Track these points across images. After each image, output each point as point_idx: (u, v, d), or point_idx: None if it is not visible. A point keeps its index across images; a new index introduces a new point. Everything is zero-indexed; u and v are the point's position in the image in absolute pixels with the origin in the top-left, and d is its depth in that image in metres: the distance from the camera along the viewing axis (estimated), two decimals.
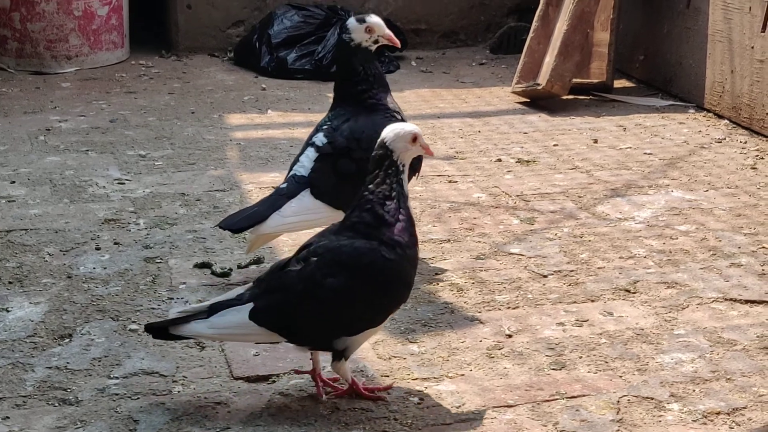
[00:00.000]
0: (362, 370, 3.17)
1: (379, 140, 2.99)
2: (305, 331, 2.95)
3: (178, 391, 3.06)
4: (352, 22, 3.81)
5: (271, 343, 3.08)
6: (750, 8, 5.55)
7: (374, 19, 3.81)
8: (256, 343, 3.23)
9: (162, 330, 2.99)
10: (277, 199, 3.72)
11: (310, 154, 3.79)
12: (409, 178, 3.19)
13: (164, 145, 5.32)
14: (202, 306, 2.98)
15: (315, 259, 2.93)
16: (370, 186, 2.97)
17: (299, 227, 3.82)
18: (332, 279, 2.90)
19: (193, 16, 7.23)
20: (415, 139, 2.99)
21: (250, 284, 3.05)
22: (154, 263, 3.93)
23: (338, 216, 3.77)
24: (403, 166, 2.98)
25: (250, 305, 2.93)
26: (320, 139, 3.82)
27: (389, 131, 2.98)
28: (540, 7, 6.33)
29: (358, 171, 3.68)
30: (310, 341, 2.99)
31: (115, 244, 4.10)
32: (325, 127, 3.84)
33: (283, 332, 2.94)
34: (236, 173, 4.91)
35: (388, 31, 3.83)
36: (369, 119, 3.75)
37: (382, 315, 2.98)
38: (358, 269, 2.91)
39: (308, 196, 3.72)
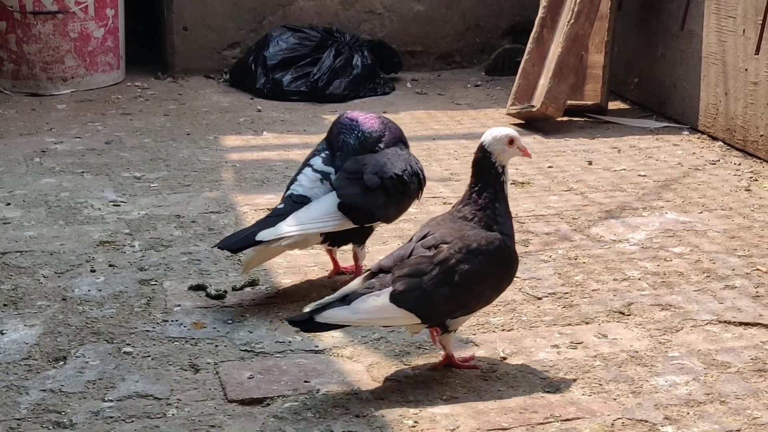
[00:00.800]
0: (356, 393, 3.17)
1: (478, 144, 3.28)
2: (438, 310, 3.19)
3: (173, 414, 3.06)
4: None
5: (405, 324, 3.26)
6: (744, 31, 5.58)
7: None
8: (389, 326, 3.43)
9: (307, 321, 3.14)
10: (275, 219, 3.73)
11: (309, 174, 3.82)
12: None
13: (159, 167, 5.33)
14: (334, 297, 3.19)
15: (446, 245, 3.20)
16: (479, 186, 3.31)
17: (303, 234, 3.75)
18: (466, 264, 3.18)
19: (189, 37, 7.25)
20: (511, 141, 3.28)
21: (366, 274, 3.28)
22: (148, 285, 3.93)
23: (344, 224, 3.77)
24: (502, 167, 3.29)
25: (389, 290, 3.14)
26: (318, 162, 3.85)
27: (487, 135, 3.27)
28: (534, 29, 6.36)
29: (380, 185, 3.77)
30: (436, 319, 3.22)
31: (110, 266, 4.10)
32: (323, 154, 3.88)
33: (419, 313, 3.16)
34: (231, 195, 4.92)
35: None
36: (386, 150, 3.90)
37: (497, 296, 3.35)
38: (490, 255, 3.21)
39: (320, 203, 3.75)
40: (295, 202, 3.76)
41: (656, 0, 6.42)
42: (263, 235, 3.66)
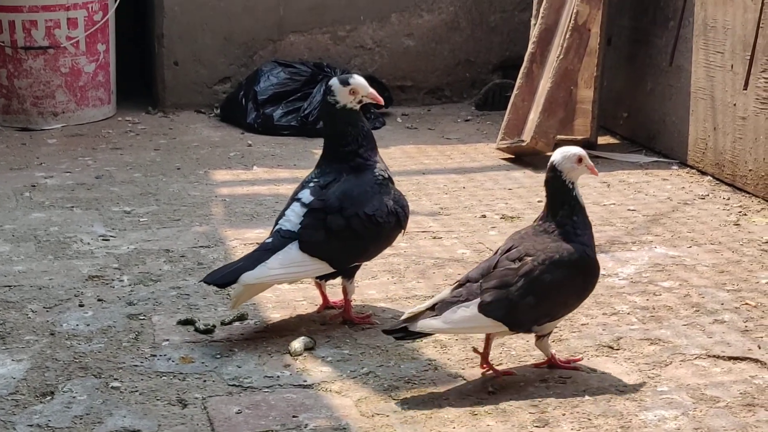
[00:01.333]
0: (344, 428, 3.17)
1: (549, 163, 3.48)
2: (523, 319, 3.42)
3: None
4: (335, 83, 3.84)
5: (493, 332, 3.47)
6: (732, 66, 5.61)
7: (357, 80, 3.85)
8: (478, 333, 3.58)
9: (400, 330, 3.38)
10: (262, 254, 3.73)
11: (297, 209, 3.82)
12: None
13: (149, 202, 5.33)
14: (425, 306, 3.42)
15: (530, 258, 3.43)
16: (554, 203, 3.50)
17: (284, 279, 3.85)
18: (549, 275, 3.39)
19: (180, 72, 7.27)
20: (580, 160, 3.47)
21: (454, 285, 3.51)
22: (137, 320, 3.93)
23: (322, 268, 3.79)
24: (572, 183, 3.47)
25: (477, 300, 3.37)
26: (306, 195, 3.85)
27: (557, 154, 3.47)
28: (524, 64, 6.39)
29: (346, 227, 3.73)
30: (522, 327, 3.44)
31: (99, 300, 4.10)
32: (311, 184, 3.87)
33: (506, 321, 3.39)
34: (221, 229, 4.92)
35: (371, 90, 3.87)
36: (359, 179, 3.82)
37: (580, 303, 3.56)
38: (573, 266, 3.43)
39: (295, 248, 3.73)
40: (283, 237, 3.77)
41: (645, 35, 6.46)
42: (245, 278, 3.67)
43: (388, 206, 3.84)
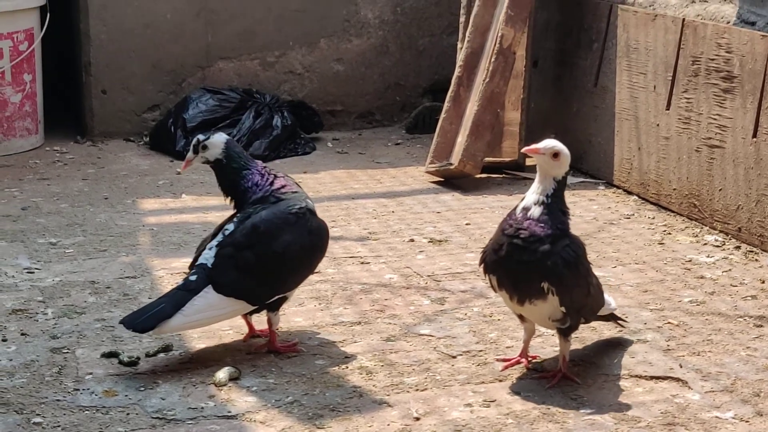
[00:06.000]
0: None
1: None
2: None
3: None
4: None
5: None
6: (655, 87, 5.69)
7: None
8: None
9: None
10: (184, 295, 3.71)
11: (215, 243, 3.81)
12: None
13: (76, 232, 5.29)
14: None
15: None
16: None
17: (203, 324, 3.83)
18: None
19: (107, 101, 7.23)
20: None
21: None
22: (60, 354, 3.89)
23: (242, 307, 3.79)
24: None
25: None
26: (230, 228, 3.84)
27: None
28: (451, 87, 6.43)
29: (258, 263, 3.72)
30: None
31: (22, 334, 4.05)
32: (237, 216, 3.86)
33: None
34: (148, 259, 4.89)
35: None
36: (270, 212, 3.80)
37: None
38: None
39: (212, 292, 3.72)
40: (205, 273, 3.75)
41: (570, 57, 6.53)
42: (163, 328, 3.67)
43: (302, 239, 3.83)
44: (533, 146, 3.58)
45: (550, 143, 3.56)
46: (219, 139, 3.89)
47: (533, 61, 6.59)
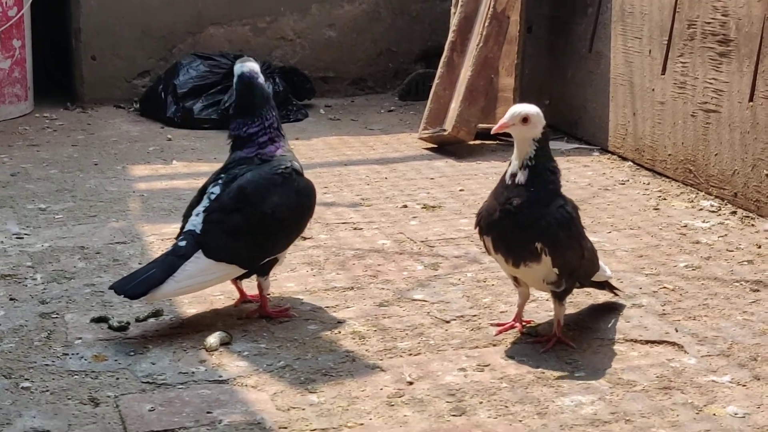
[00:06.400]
0: (260, 423, 3.12)
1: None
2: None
3: None
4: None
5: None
6: (650, 51, 5.63)
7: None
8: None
9: None
10: (174, 260, 3.66)
11: (203, 207, 3.76)
12: None
13: (65, 198, 5.24)
14: None
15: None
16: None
17: (195, 289, 3.78)
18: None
19: (98, 67, 7.17)
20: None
21: None
22: (49, 319, 3.84)
23: (233, 271, 3.75)
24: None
25: None
26: (216, 191, 3.78)
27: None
28: (445, 53, 6.37)
29: (246, 226, 3.67)
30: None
31: (11, 299, 4.00)
32: (221, 178, 3.81)
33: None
34: (138, 225, 4.84)
35: None
36: (257, 174, 3.76)
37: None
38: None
39: (202, 257, 3.67)
40: (194, 239, 3.70)
41: (565, 23, 6.46)
42: (154, 295, 3.62)
43: (290, 199, 3.78)
44: (499, 123, 3.50)
45: (515, 110, 3.47)
46: (239, 68, 3.96)
47: (527, 27, 6.53)
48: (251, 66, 3.93)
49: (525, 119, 3.45)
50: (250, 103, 3.87)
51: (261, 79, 3.94)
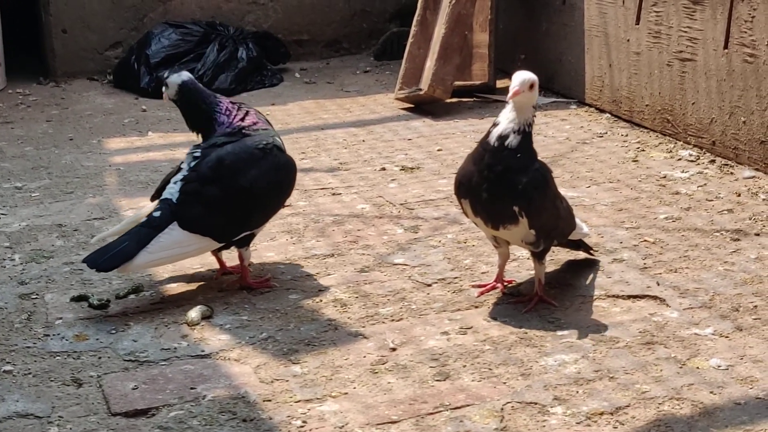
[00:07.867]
0: (244, 396, 3.11)
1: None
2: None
3: None
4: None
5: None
6: (623, 1, 5.60)
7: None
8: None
9: None
10: (148, 232, 3.62)
11: (179, 177, 3.73)
12: None
13: (41, 175, 5.20)
14: None
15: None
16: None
17: (169, 261, 3.76)
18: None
19: (69, 40, 7.09)
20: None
21: None
22: (29, 299, 3.82)
23: (209, 244, 3.72)
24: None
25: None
26: (196, 155, 3.76)
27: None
28: (417, 11, 6.32)
29: (223, 199, 3.64)
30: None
31: None
32: (198, 151, 3.77)
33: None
34: (115, 200, 4.81)
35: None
36: (236, 146, 3.73)
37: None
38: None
39: (177, 228, 3.64)
40: (170, 209, 3.67)
41: None
42: (127, 267, 3.59)
43: (269, 175, 3.75)
44: (512, 90, 3.45)
45: (523, 77, 3.44)
46: (174, 80, 3.88)
47: None
48: (186, 73, 3.94)
49: (532, 86, 3.45)
50: (201, 110, 3.85)
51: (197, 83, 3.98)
